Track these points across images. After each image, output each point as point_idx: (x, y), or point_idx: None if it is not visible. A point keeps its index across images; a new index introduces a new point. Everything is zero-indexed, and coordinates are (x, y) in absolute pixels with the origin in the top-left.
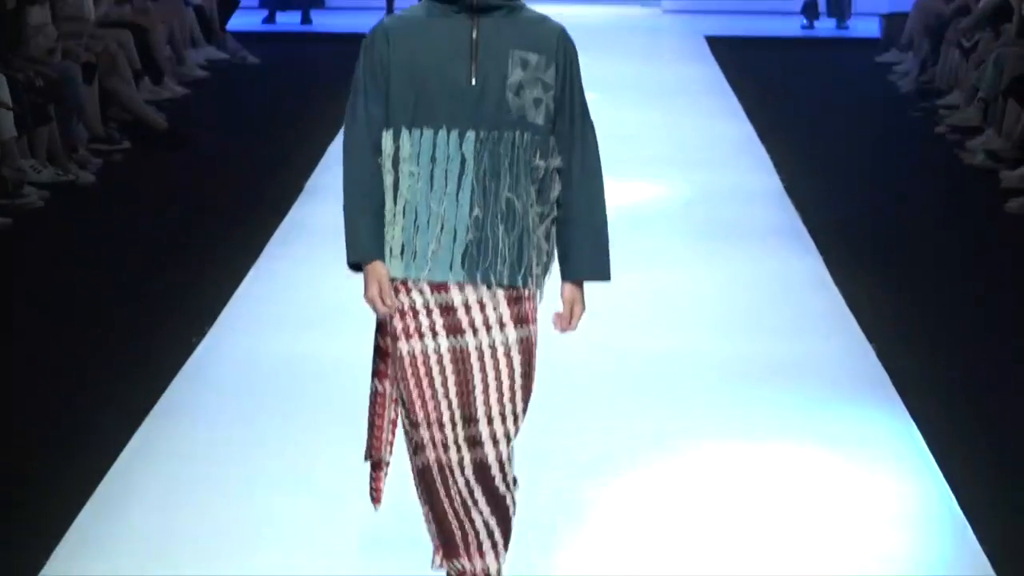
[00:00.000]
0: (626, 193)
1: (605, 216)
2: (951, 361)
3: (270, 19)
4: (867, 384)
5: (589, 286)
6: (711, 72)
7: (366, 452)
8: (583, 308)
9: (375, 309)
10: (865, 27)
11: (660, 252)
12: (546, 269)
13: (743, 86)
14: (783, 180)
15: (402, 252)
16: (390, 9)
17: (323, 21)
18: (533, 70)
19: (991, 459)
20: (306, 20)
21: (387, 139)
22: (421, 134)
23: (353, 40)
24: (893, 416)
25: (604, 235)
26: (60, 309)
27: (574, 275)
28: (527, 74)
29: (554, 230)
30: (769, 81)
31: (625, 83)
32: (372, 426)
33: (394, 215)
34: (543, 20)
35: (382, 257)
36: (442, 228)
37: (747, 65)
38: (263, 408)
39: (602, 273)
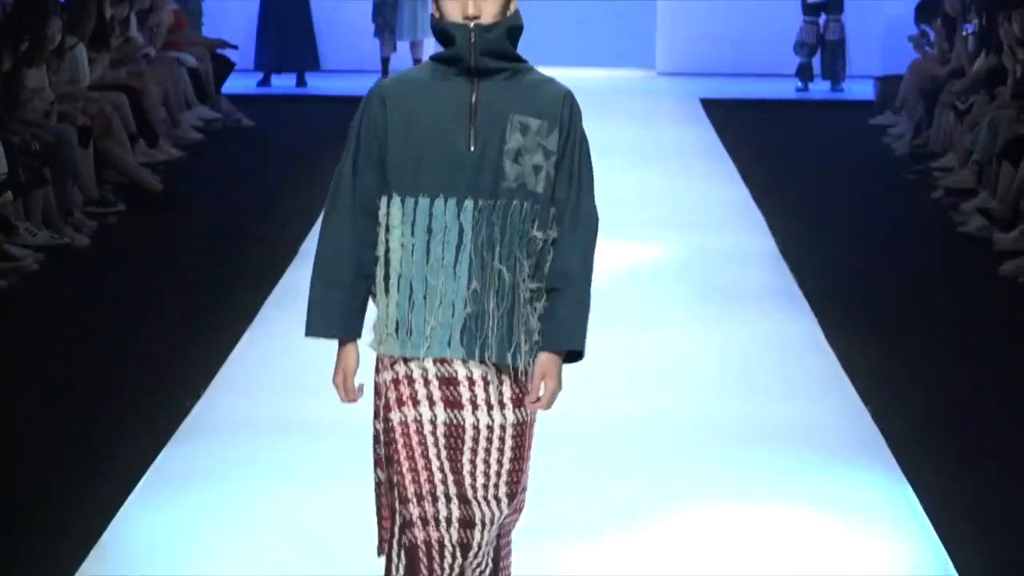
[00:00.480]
0: (622, 255)
1: (590, 289)
2: (947, 423)
3: (265, 82)
4: (862, 446)
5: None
6: (706, 134)
7: (378, 548)
8: (558, 385)
9: (338, 395)
10: (860, 89)
11: (655, 313)
12: (536, 350)
13: (738, 148)
14: (778, 242)
15: (397, 329)
16: (385, 73)
17: (318, 84)
18: (533, 135)
19: (987, 522)
20: (301, 83)
21: (380, 207)
22: (416, 203)
23: (348, 102)
24: (888, 478)
25: (586, 309)
26: (55, 372)
27: (549, 345)
28: (527, 140)
29: (544, 307)
30: (764, 143)
31: (620, 146)
32: (380, 518)
33: (385, 289)
34: (548, 83)
35: (351, 338)
36: (440, 303)
37: (742, 127)
38: (258, 471)
39: (577, 344)
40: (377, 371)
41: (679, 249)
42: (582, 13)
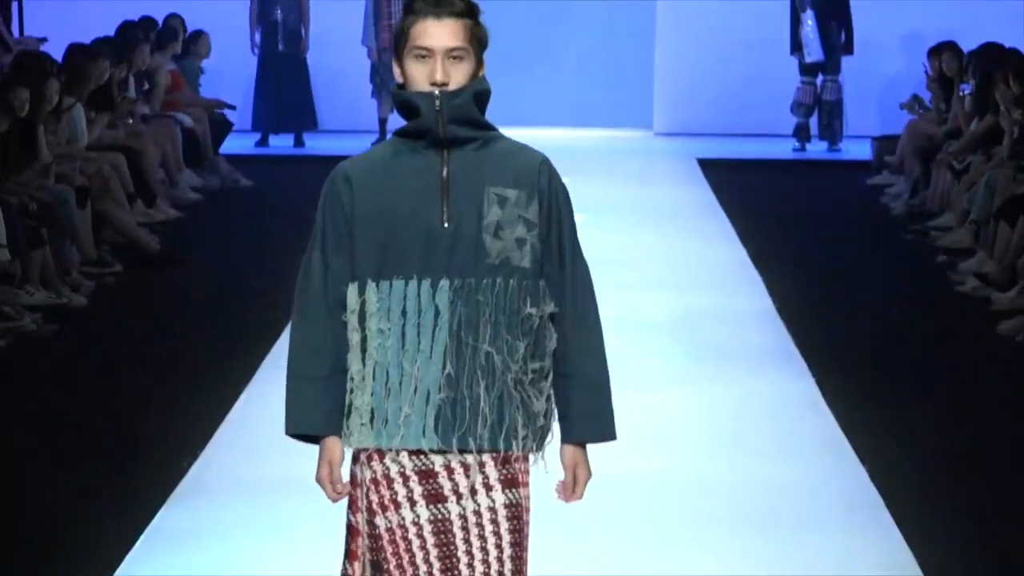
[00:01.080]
0: (619, 315)
1: (606, 367)
2: (945, 484)
3: (263, 142)
4: (860, 506)
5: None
6: (703, 194)
7: None
8: (588, 473)
9: (324, 492)
10: (857, 149)
11: (652, 373)
12: (542, 432)
13: (735, 208)
14: (775, 302)
15: (372, 419)
16: (383, 133)
17: (316, 144)
18: (512, 207)
19: None
20: (299, 143)
21: (352, 293)
22: (390, 286)
23: None
24: (887, 539)
25: (606, 389)
26: (52, 432)
27: (574, 436)
28: (506, 212)
29: (551, 388)
30: (761, 203)
31: (618, 206)
32: None
33: (362, 378)
34: (522, 150)
35: (334, 432)
36: (415, 390)
37: (739, 187)
38: (256, 532)
39: (605, 433)
40: (355, 460)
41: (676, 309)
42: (579, 73)
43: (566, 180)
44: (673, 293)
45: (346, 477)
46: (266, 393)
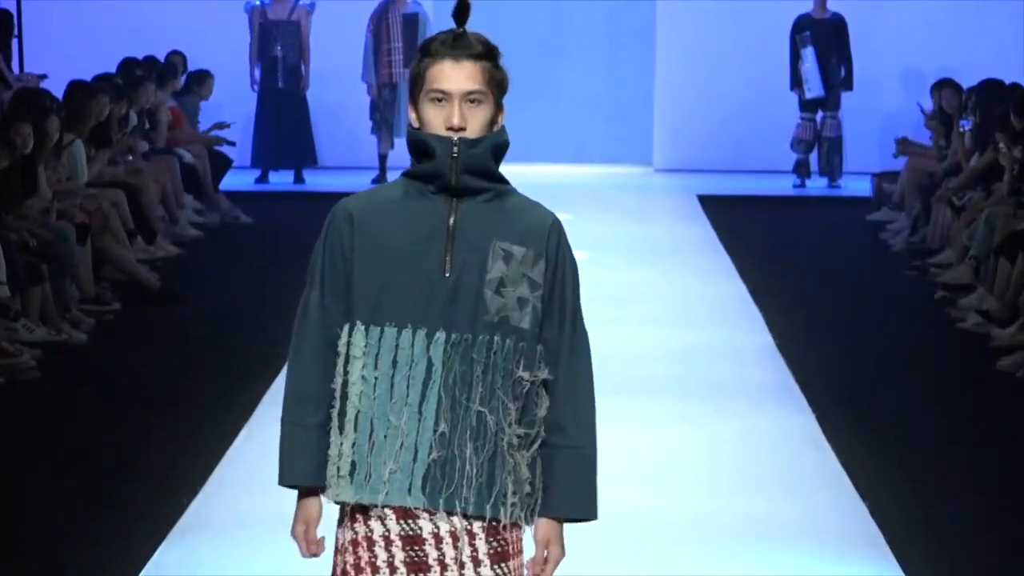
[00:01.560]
0: (618, 351)
1: (595, 441)
2: (945, 519)
3: (263, 179)
4: (860, 542)
5: None
6: (703, 230)
7: None
8: (561, 552)
9: (299, 549)
10: (856, 186)
11: (653, 410)
12: (531, 503)
13: (735, 244)
14: (775, 338)
15: (352, 472)
16: (383, 170)
17: (316, 180)
18: (518, 265)
19: None
20: (299, 179)
21: (342, 335)
22: (382, 332)
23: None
24: (888, 574)
25: (591, 464)
26: (52, 468)
27: (552, 511)
28: (510, 269)
29: (536, 457)
30: (761, 239)
31: (617, 242)
32: None
33: (340, 426)
34: (533, 207)
35: (319, 486)
36: (401, 445)
37: (739, 223)
38: (255, 568)
39: (586, 511)
40: (340, 523)
41: (676, 345)
42: (579, 109)
43: (567, 216)
44: (673, 329)
45: (329, 537)
46: (266, 429)
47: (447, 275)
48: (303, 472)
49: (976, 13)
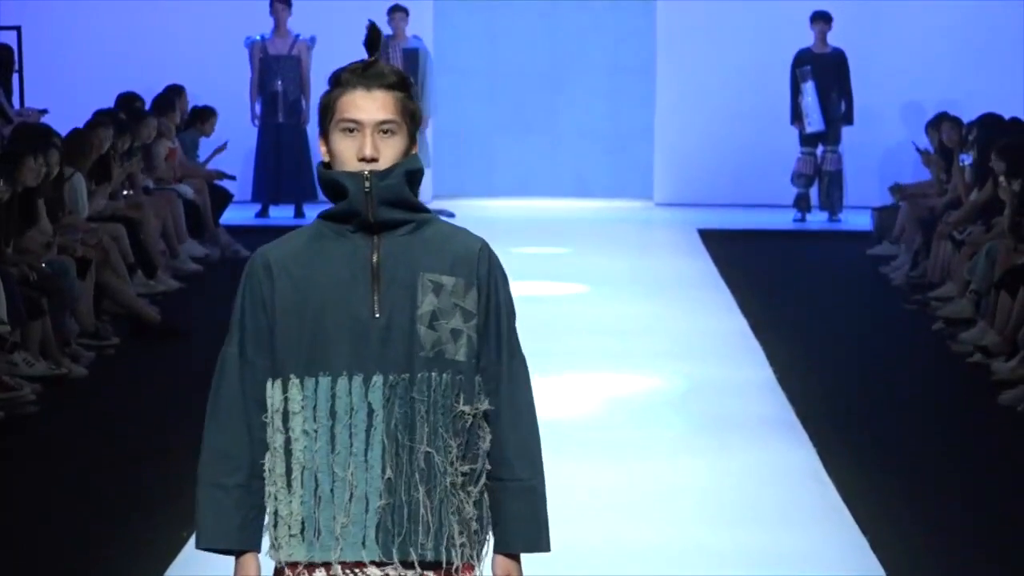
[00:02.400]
0: (619, 385)
1: (541, 471)
2: (947, 553)
3: (263, 213)
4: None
5: (596, 476)
6: (704, 265)
7: None
8: None
9: None
10: (857, 220)
11: (653, 443)
12: (480, 540)
13: (736, 279)
14: (775, 372)
15: (303, 530)
16: None
17: (316, 214)
18: (448, 295)
19: None
20: (299, 214)
21: (275, 391)
22: (316, 383)
23: None
24: None
25: (540, 495)
26: (52, 502)
27: (505, 546)
28: (441, 301)
29: (482, 493)
30: (762, 273)
31: (618, 276)
32: None
33: (287, 484)
34: (459, 234)
35: (250, 546)
36: (351, 497)
37: (739, 258)
38: None
39: (538, 543)
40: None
41: (677, 379)
42: (580, 143)
43: (567, 250)
44: (674, 363)
45: None
46: None
47: (377, 316)
48: (223, 535)
49: (977, 47)
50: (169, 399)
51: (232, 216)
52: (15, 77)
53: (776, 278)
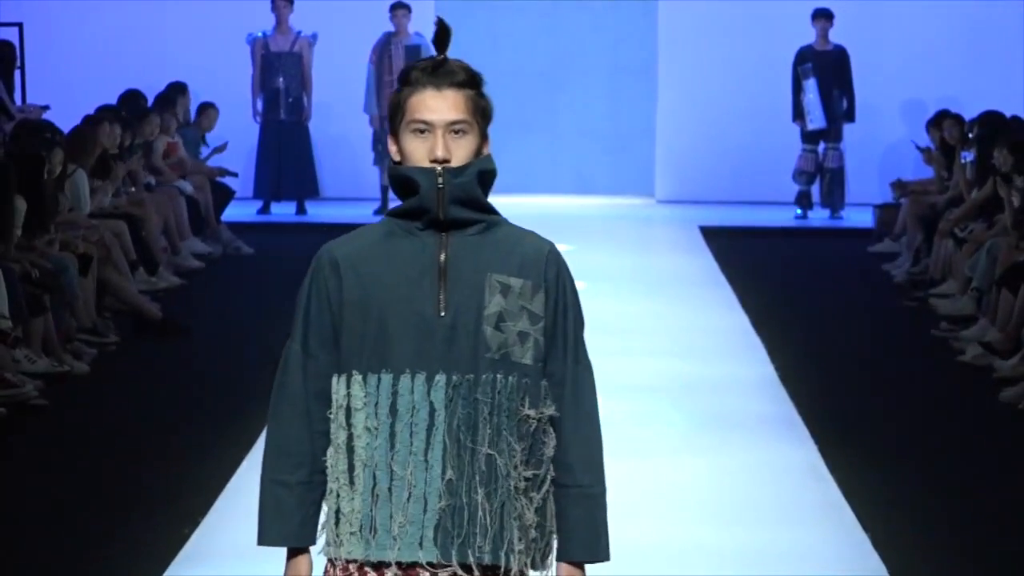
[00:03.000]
0: (620, 382)
1: (602, 478)
2: (948, 551)
3: (265, 210)
4: (863, 574)
5: None
6: (705, 262)
7: None
8: None
9: None
10: (858, 217)
11: (654, 441)
12: (543, 548)
13: (737, 276)
14: (777, 369)
15: (361, 528)
16: (384, 201)
17: (318, 211)
18: (516, 297)
19: None
20: (301, 210)
21: (339, 387)
22: (379, 380)
23: (348, 230)
24: None
25: (602, 504)
26: (54, 499)
27: (565, 554)
28: (509, 303)
29: (551, 499)
30: (763, 271)
31: (619, 274)
32: None
33: (348, 481)
34: (528, 236)
35: (308, 542)
36: (409, 496)
37: (741, 255)
38: None
39: (596, 553)
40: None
41: (678, 376)
42: (581, 141)
43: (568, 247)
44: (675, 360)
45: None
46: None
47: (442, 314)
48: (285, 533)
49: (978, 45)
50: (171, 396)
51: (234, 213)
52: (17, 74)
53: (777, 275)
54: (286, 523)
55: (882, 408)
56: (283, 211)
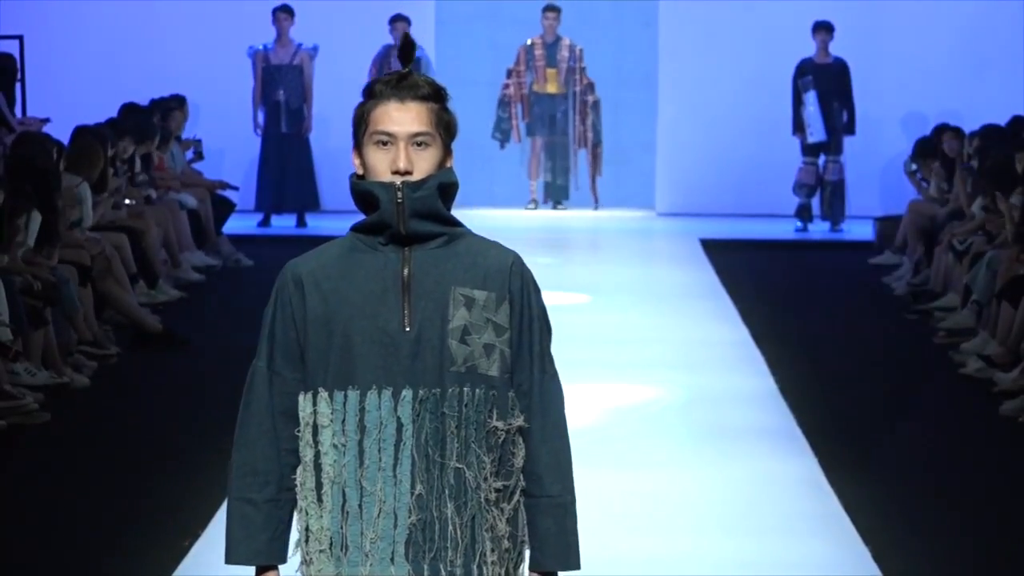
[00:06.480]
0: (621, 395)
1: (572, 487)
2: (948, 563)
3: (265, 222)
4: None
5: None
6: (706, 274)
7: None
8: None
9: None
10: (859, 230)
11: (655, 453)
12: (515, 558)
13: (737, 288)
14: (777, 381)
15: (331, 545)
16: None
17: (319, 224)
18: (480, 310)
19: None
20: (301, 223)
21: (305, 404)
22: (345, 397)
23: None
24: None
25: (570, 513)
26: (54, 512)
27: (535, 564)
28: (473, 315)
29: (523, 509)
30: (763, 283)
31: (620, 286)
32: None
33: (317, 498)
34: (492, 247)
35: (277, 560)
36: (379, 512)
37: (741, 267)
38: None
39: (568, 562)
40: None
41: (678, 389)
42: (582, 154)
43: (568, 259)
44: (675, 373)
45: None
46: None
47: (407, 329)
48: (253, 550)
49: (978, 58)
50: (171, 408)
51: (234, 225)
52: (17, 86)
53: (778, 288)
54: (254, 541)
55: (882, 421)
56: (284, 223)
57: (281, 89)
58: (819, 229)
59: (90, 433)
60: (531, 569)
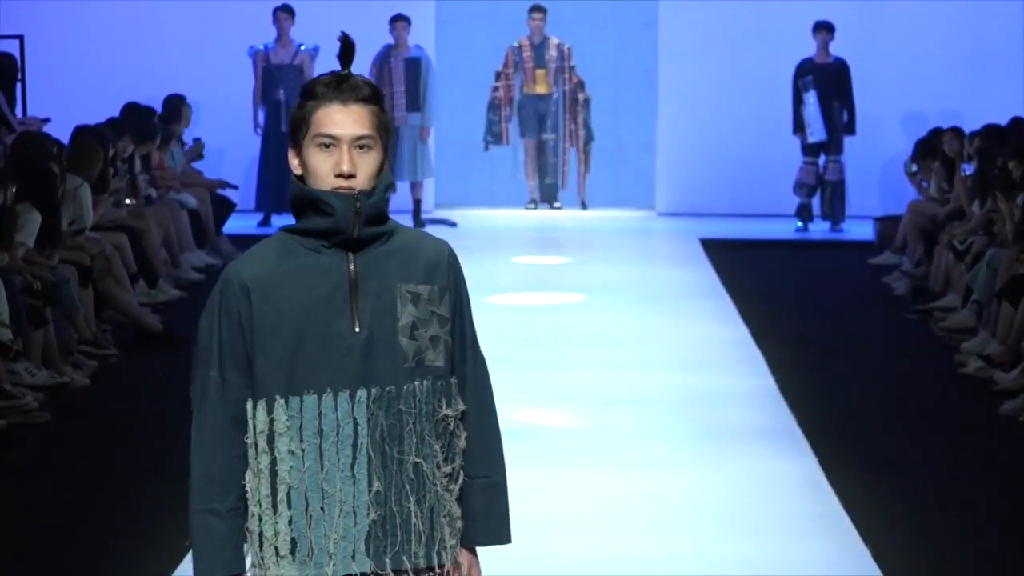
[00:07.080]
0: (621, 394)
1: (504, 467)
2: (949, 563)
3: (266, 222)
4: None
5: (598, 479)
6: (706, 274)
7: None
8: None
9: None
10: (859, 230)
11: (654, 454)
12: (459, 535)
13: (737, 288)
14: (777, 381)
15: (293, 550)
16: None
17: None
18: (426, 304)
19: None
20: None
21: (258, 412)
22: (301, 402)
23: None
24: None
25: (503, 490)
26: (53, 512)
27: (468, 540)
28: (420, 311)
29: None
30: (763, 283)
31: (620, 286)
32: None
33: (272, 505)
34: (425, 239)
35: (244, 570)
36: (340, 512)
37: (741, 267)
38: None
39: (499, 536)
40: None
41: (678, 388)
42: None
43: (568, 259)
44: (675, 372)
45: None
46: None
47: (357, 331)
48: (221, 561)
49: (978, 57)
50: (171, 408)
51: (235, 225)
52: (18, 86)
53: (778, 287)
54: (221, 551)
55: (882, 420)
56: (284, 223)
57: (281, 89)
58: (819, 229)
59: (90, 433)
60: (463, 545)
